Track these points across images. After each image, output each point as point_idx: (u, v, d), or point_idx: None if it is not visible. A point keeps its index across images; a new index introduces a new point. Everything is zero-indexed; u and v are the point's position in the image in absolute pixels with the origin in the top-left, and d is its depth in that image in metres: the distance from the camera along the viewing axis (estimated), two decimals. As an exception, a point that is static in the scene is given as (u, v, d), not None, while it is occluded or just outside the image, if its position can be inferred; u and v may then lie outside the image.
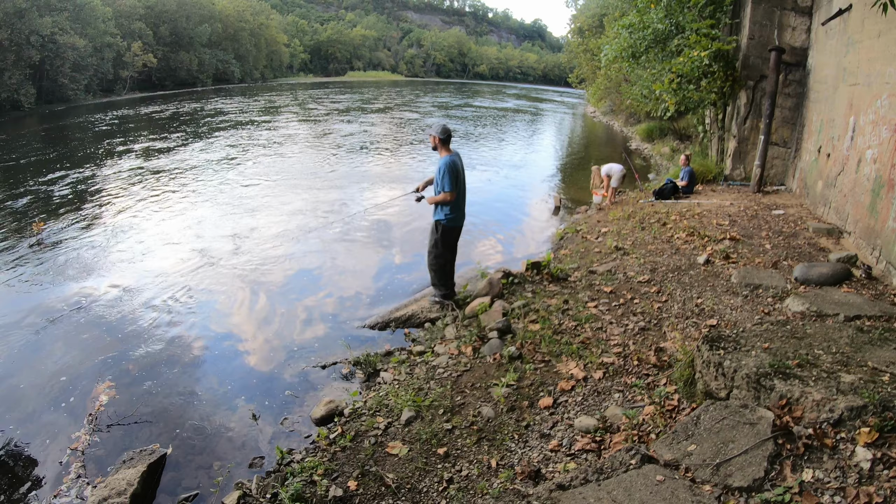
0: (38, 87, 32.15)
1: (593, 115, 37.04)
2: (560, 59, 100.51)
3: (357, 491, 3.12)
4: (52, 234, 8.84)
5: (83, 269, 7.41)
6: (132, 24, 43.68)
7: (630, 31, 12.17)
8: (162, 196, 11.45)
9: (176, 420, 4.33)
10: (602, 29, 24.12)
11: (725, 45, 10.44)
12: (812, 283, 5.48)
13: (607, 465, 2.69)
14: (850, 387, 2.79)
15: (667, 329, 4.74)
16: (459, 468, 3.26)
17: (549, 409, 3.75)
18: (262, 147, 18.18)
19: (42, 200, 11.00)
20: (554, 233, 9.34)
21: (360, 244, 8.70)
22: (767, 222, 8.04)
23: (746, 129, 10.79)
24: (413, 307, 6.15)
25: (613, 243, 7.31)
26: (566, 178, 15.67)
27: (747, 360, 3.17)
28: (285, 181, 13.09)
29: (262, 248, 8.27)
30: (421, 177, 14.57)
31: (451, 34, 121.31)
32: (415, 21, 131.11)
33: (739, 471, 2.49)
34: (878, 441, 2.50)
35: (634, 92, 16.13)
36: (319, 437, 3.85)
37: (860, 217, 6.60)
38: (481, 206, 11.04)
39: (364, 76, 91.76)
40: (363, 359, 5.00)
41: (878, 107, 6.41)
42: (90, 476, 3.71)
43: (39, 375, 4.93)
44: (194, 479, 3.71)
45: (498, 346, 4.65)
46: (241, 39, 58.80)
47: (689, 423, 2.90)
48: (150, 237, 8.74)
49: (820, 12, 9.17)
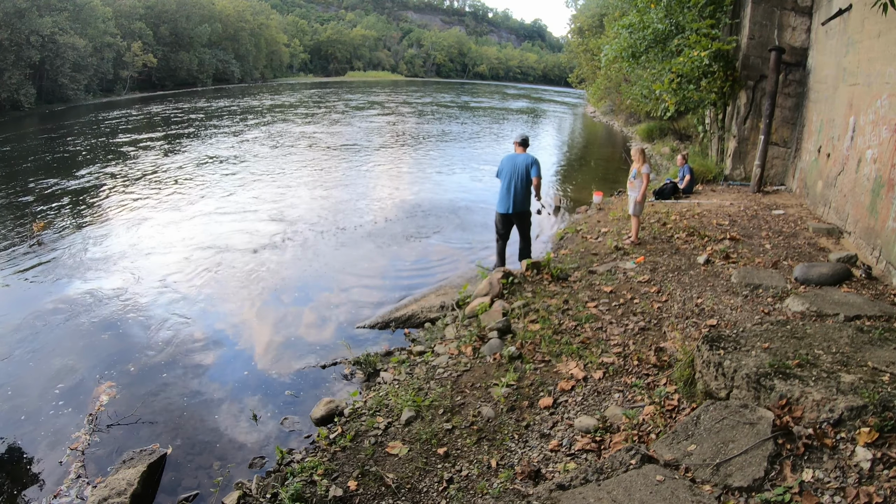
0: (38, 87, 32.17)
1: (593, 115, 37.03)
2: (560, 59, 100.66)
3: (357, 491, 3.12)
4: (52, 235, 8.84)
5: (83, 270, 7.41)
6: (132, 24, 43.71)
7: (630, 31, 12.17)
8: (162, 196, 11.45)
9: (176, 420, 4.33)
10: (602, 29, 24.13)
11: (725, 45, 10.44)
12: (812, 283, 5.48)
13: (607, 465, 2.69)
14: (850, 387, 2.79)
15: (667, 329, 4.74)
16: (459, 468, 3.26)
17: (549, 409, 3.75)
18: (262, 147, 18.18)
19: (42, 201, 10.99)
20: (554, 233, 9.34)
21: (361, 244, 8.69)
22: (767, 222, 8.04)
23: (746, 129, 10.79)
24: (413, 307, 6.15)
25: (613, 243, 7.32)
26: (566, 177, 15.67)
27: (747, 360, 3.17)
28: (285, 181, 13.09)
29: (262, 249, 8.27)
30: (421, 176, 14.62)
31: (451, 34, 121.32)
32: (415, 21, 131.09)
33: (739, 471, 2.49)
34: (878, 441, 2.50)
35: (634, 92, 16.13)
36: (319, 437, 3.85)
37: (860, 217, 6.60)
38: (481, 205, 11.05)
39: (364, 76, 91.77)
40: (363, 359, 5.00)
41: (878, 107, 6.41)
42: (90, 476, 3.71)
43: (39, 375, 4.93)
44: (194, 479, 3.71)
45: (498, 346, 4.65)
46: (241, 39, 58.82)
47: (689, 423, 2.90)
48: (150, 237, 8.74)
49: (820, 12, 9.17)
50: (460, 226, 9.84)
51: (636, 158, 7.05)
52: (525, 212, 6.82)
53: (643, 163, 6.98)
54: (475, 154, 18.42)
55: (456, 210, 10.94)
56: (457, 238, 9.14)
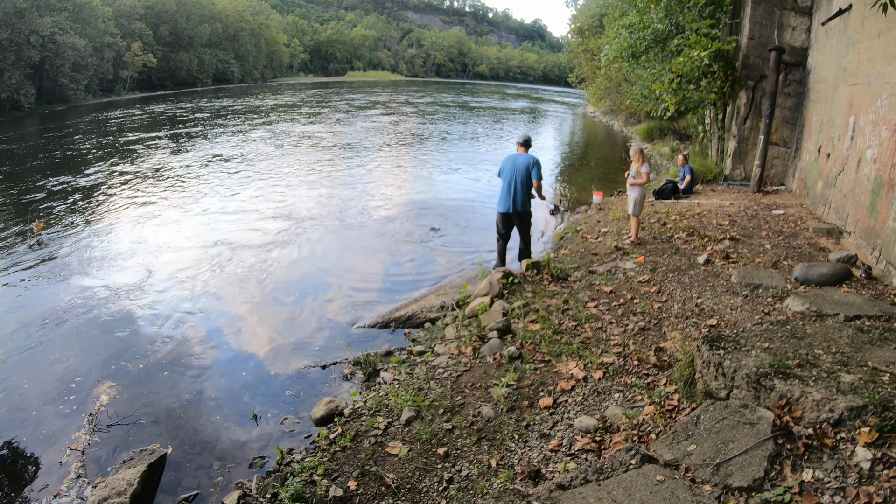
0: (38, 87, 32.17)
1: (593, 115, 37.02)
2: (560, 59, 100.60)
3: (357, 491, 3.12)
4: (53, 235, 8.84)
5: (83, 270, 7.41)
6: (132, 24, 43.70)
7: (630, 31, 12.17)
8: (162, 196, 11.45)
9: (176, 420, 4.33)
10: (602, 29, 24.12)
11: (725, 45, 10.44)
12: (812, 283, 5.48)
13: (607, 465, 2.69)
14: (850, 387, 2.79)
15: (667, 329, 4.74)
16: (459, 468, 3.26)
17: (549, 409, 3.75)
18: (263, 147, 18.17)
19: (42, 201, 11.00)
20: (554, 233, 9.33)
21: (361, 244, 8.69)
22: (767, 222, 8.04)
23: (746, 129, 10.79)
24: (413, 307, 6.15)
25: (613, 243, 7.31)
26: (566, 177, 15.66)
27: (747, 360, 3.17)
28: (286, 181, 13.08)
29: (262, 249, 8.27)
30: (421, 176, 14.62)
31: (451, 34, 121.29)
32: (415, 21, 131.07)
33: (739, 471, 2.49)
34: (878, 441, 2.50)
35: (634, 92, 16.12)
36: (319, 437, 3.85)
37: (860, 217, 6.60)
38: (481, 205, 11.05)
39: (364, 76, 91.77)
40: (363, 359, 5.00)
41: (878, 107, 6.41)
42: (90, 476, 3.71)
43: (40, 375, 4.93)
44: (194, 479, 3.71)
45: (498, 346, 4.65)
46: (241, 39, 58.82)
47: (689, 423, 2.90)
48: (150, 237, 8.73)
49: (820, 12, 9.17)
50: (461, 225, 9.84)
51: (635, 158, 7.06)
52: (525, 212, 6.80)
53: (642, 162, 6.99)
54: (476, 154, 18.42)
55: (456, 210, 10.93)
56: (457, 238, 9.14)
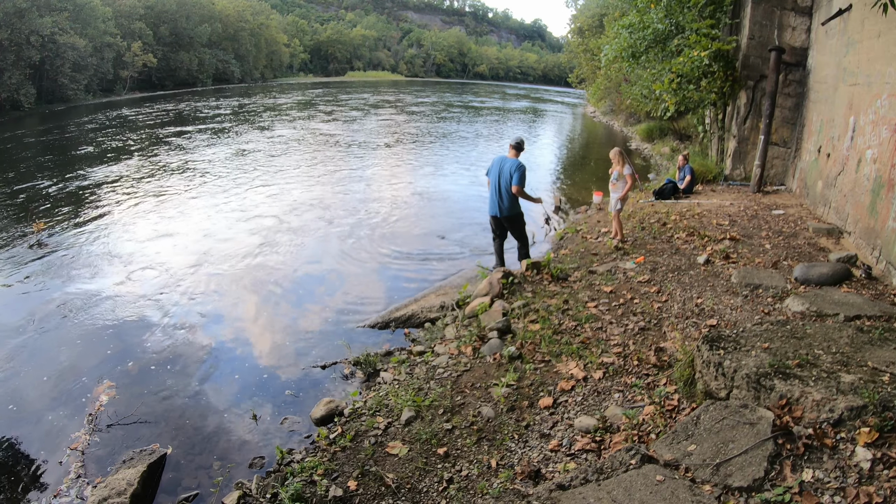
0: (38, 87, 32.16)
1: (593, 115, 37.02)
2: (560, 59, 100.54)
3: (357, 491, 3.12)
4: (53, 235, 8.84)
5: (83, 270, 7.41)
6: (132, 24, 43.68)
7: (630, 31, 12.17)
8: (162, 196, 11.45)
9: (176, 420, 4.33)
10: (602, 29, 24.13)
11: (725, 45, 10.44)
12: (812, 283, 5.48)
13: (607, 465, 2.69)
14: (850, 387, 2.79)
15: (667, 329, 4.74)
16: (459, 468, 3.26)
17: (549, 409, 3.75)
18: (263, 147, 18.18)
19: (42, 201, 11.00)
20: (554, 233, 9.34)
21: (361, 244, 8.69)
22: (767, 222, 8.04)
23: (746, 129, 10.79)
24: (413, 307, 6.15)
25: (613, 243, 7.31)
26: (566, 177, 15.67)
27: (747, 360, 3.17)
28: (286, 181, 13.08)
29: (262, 249, 8.27)
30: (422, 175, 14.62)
31: (451, 34, 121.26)
32: (415, 21, 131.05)
33: (739, 471, 2.49)
34: (878, 441, 2.50)
35: (634, 92, 16.12)
36: (319, 437, 3.85)
37: (860, 217, 6.60)
38: (481, 205, 11.05)
39: (364, 76, 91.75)
40: (363, 359, 5.00)
41: (878, 107, 6.40)
42: (90, 476, 3.71)
43: (40, 375, 4.93)
44: (194, 479, 3.71)
45: (498, 346, 4.65)
46: (241, 39, 58.79)
47: (689, 423, 2.90)
48: (150, 237, 8.74)
49: (820, 12, 9.16)
50: (461, 225, 9.84)
51: (615, 161, 7.20)
52: (514, 216, 6.67)
53: (623, 164, 7.08)
54: (476, 154, 18.40)
55: (456, 210, 10.94)
56: (457, 238, 9.14)
